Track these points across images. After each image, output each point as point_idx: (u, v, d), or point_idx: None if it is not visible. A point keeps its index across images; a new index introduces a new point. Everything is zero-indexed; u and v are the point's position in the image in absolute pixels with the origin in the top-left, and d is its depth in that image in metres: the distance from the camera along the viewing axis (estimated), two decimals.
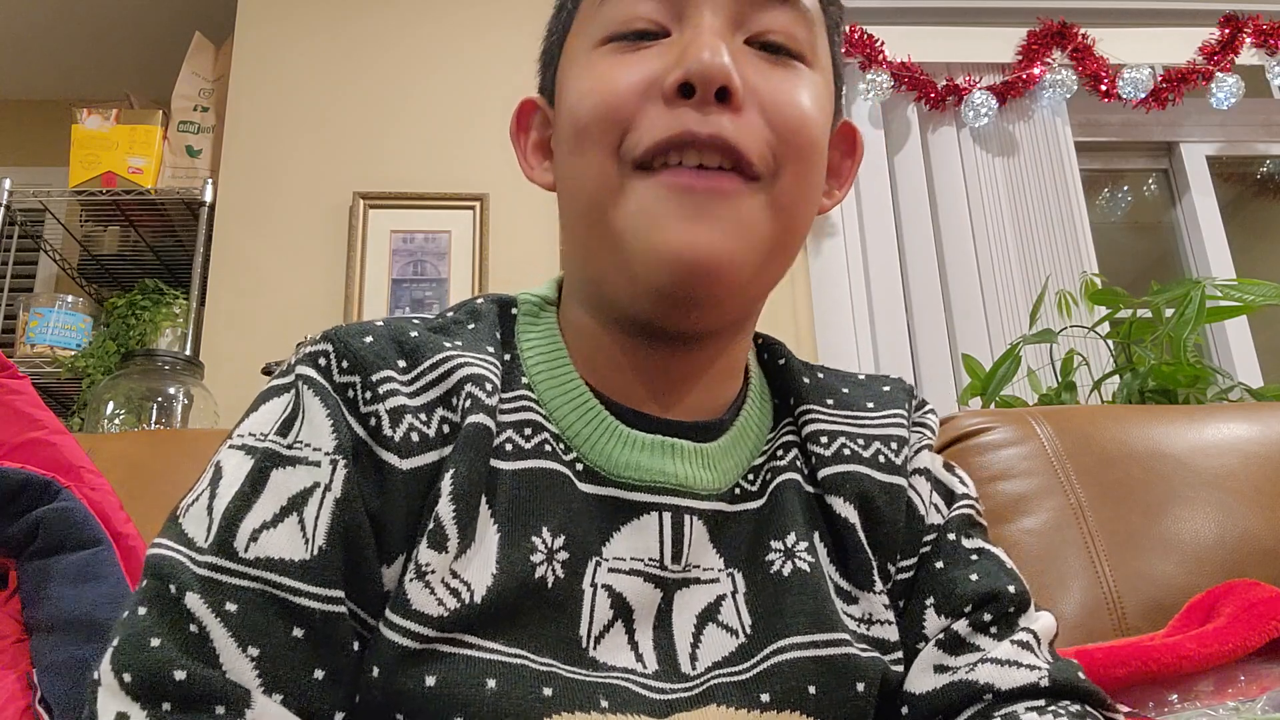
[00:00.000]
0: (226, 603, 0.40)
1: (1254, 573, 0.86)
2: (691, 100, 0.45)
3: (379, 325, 0.49)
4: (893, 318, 2.15)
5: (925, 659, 0.50)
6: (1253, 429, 1.04)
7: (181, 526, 0.43)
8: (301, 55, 2.26)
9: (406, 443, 0.45)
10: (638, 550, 0.48)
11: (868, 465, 0.53)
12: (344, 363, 0.46)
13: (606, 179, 0.47)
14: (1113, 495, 0.97)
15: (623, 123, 0.46)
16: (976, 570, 0.51)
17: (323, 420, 0.44)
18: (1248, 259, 2.47)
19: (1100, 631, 0.88)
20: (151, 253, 2.35)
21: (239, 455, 0.44)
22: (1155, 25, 2.36)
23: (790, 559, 0.50)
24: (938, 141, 2.30)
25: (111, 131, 2.15)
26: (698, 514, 0.49)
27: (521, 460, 0.48)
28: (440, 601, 0.43)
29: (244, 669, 0.39)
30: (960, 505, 0.55)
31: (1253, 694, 0.69)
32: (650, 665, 0.46)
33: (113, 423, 1.68)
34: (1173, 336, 1.41)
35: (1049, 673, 0.47)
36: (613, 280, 0.49)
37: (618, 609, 0.47)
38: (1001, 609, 0.50)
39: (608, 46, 0.49)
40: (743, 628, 0.48)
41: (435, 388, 0.47)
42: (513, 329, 0.54)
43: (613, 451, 0.49)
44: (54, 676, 0.60)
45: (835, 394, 0.56)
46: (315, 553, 0.41)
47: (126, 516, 0.73)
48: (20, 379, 0.75)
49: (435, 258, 2.13)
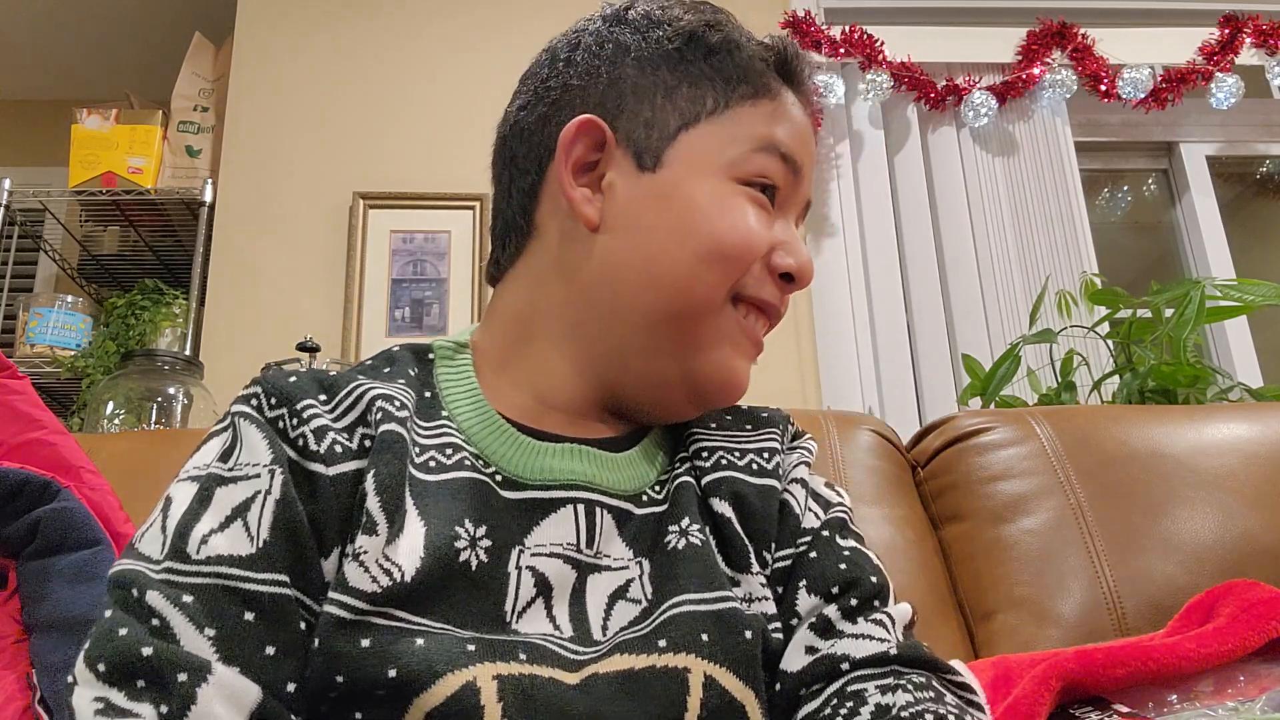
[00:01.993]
0: (183, 595, 0.44)
1: (1254, 573, 0.86)
2: (781, 281, 0.60)
3: (301, 370, 0.56)
4: (893, 318, 2.15)
5: (799, 640, 0.55)
6: (1253, 429, 1.04)
7: (138, 549, 0.47)
8: (301, 55, 2.27)
9: (330, 453, 0.51)
10: (557, 537, 0.54)
11: (741, 471, 0.61)
12: (272, 399, 0.53)
13: (713, 302, 0.58)
14: (1113, 495, 0.97)
15: (748, 268, 0.58)
16: (844, 561, 0.58)
17: (259, 442, 0.50)
18: (1247, 259, 2.47)
19: (1100, 631, 0.88)
20: (151, 253, 2.35)
21: (186, 485, 0.50)
22: (1155, 25, 2.36)
23: (684, 536, 0.56)
24: (938, 141, 2.30)
25: (111, 131, 2.16)
26: (607, 508, 0.56)
27: (444, 473, 0.53)
28: (374, 579, 0.47)
29: (202, 646, 0.44)
30: (835, 511, 0.63)
31: (1252, 694, 0.69)
32: (566, 631, 0.52)
33: (112, 423, 1.68)
34: (1172, 336, 1.41)
35: (896, 644, 0.54)
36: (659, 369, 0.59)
37: (540, 587, 0.52)
38: (864, 594, 0.56)
39: (747, 189, 0.59)
40: (645, 596, 0.54)
41: (352, 411, 0.54)
42: (430, 370, 0.61)
43: (527, 460, 0.56)
44: (54, 676, 0.61)
45: (719, 419, 0.65)
46: (260, 545, 0.47)
47: (126, 516, 0.73)
48: (20, 379, 0.75)
49: (435, 258, 2.13)
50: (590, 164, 0.59)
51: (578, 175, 0.59)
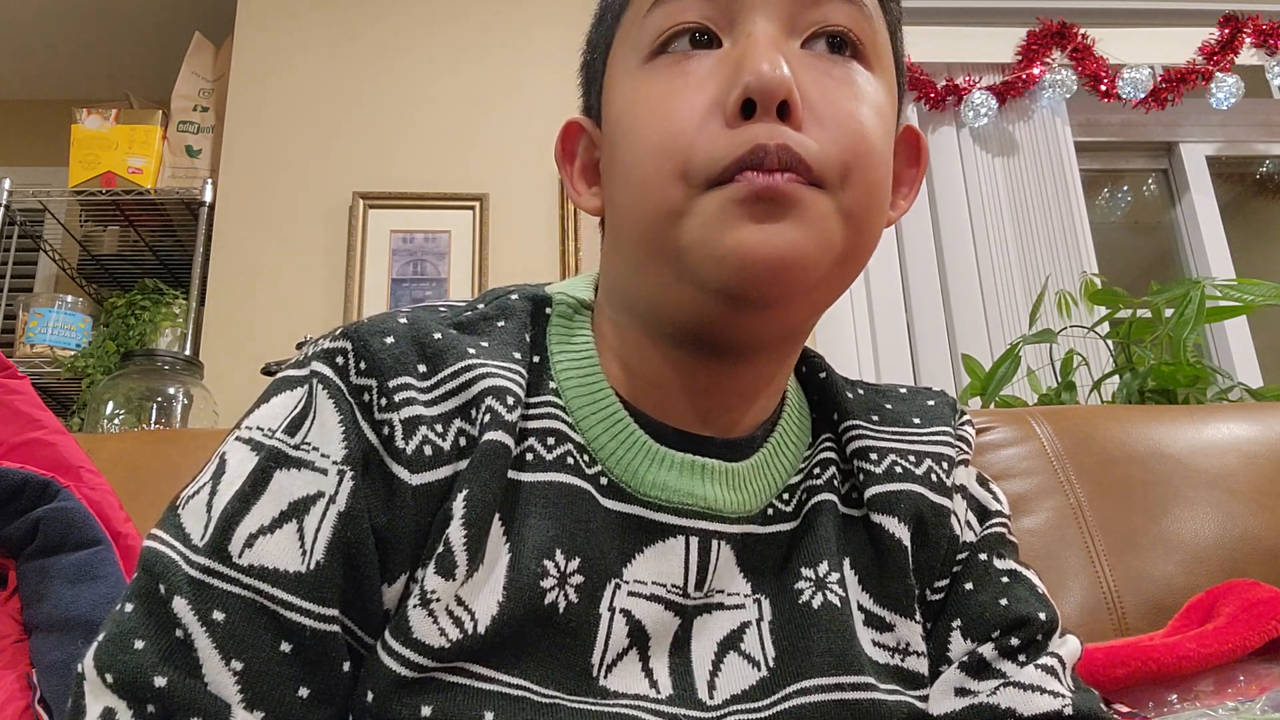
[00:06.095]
0: (214, 611, 0.38)
1: (1254, 573, 0.86)
2: (753, 118, 0.43)
3: (401, 322, 0.46)
4: (893, 318, 2.15)
5: (947, 681, 0.48)
6: (1253, 429, 1.04)
7: (180, 520, 0.42)
8: (301, 55, 2.26)
9: (419, 456, 0.43)
10: (660, 575, 0.46)
11: (921, 484, 0.51)
12: (361, 364, 0.44)
13: (671, 201, 0.44)
14: (1112, 495, 0.97)
15: (685, 149, 0.44)
16: (1007, 595, 0.50)
17: (334, 425, 0.42)
18: (1247, 259, 2.46)
19: (1100, 631, 0.88)
20: (151, 253, 2.35)
21: (244, 450, 0.43)
22: (1155, 25, 2.36)
23: (821, 590, 0.48)
24: (938, 141, 2.30)
25: (111, 131, 2.15)
26: (725, 538, 0.47)
27: (542, 472, 0.45)
28: (443, 631, 0.41)
29: (226, 682, 0.38)
30: (993, 523, 0.53)
31: (1252, 694, 0.69)
32: (664, 690, 0.44)
33: (112, 423, 1.68)
34: (1172, 336, 1.41)
35: (1072, 701, 0.47)
36: (674, 294, 0.46)
37: (634, 636, 0.45)
38: (1029, 635, 0.49)
39: (658, 61, 0.46)
40: (765, 660, 0.46)
41: (454, 397, 0.44)
42: (544, 330, 0.51)
43: (640, 468, 0.47)
44: (53, 676, 0.60)
45: (880, 409, 0.54)
46: (312, 566, 0.40)
47: (126, 516, 0.73)
48: (20, 379, 0.75)
49: (435, 258, 2.13)
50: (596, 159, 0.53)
51: (588, 176, 0.54)
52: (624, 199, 0.47)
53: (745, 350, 0.48)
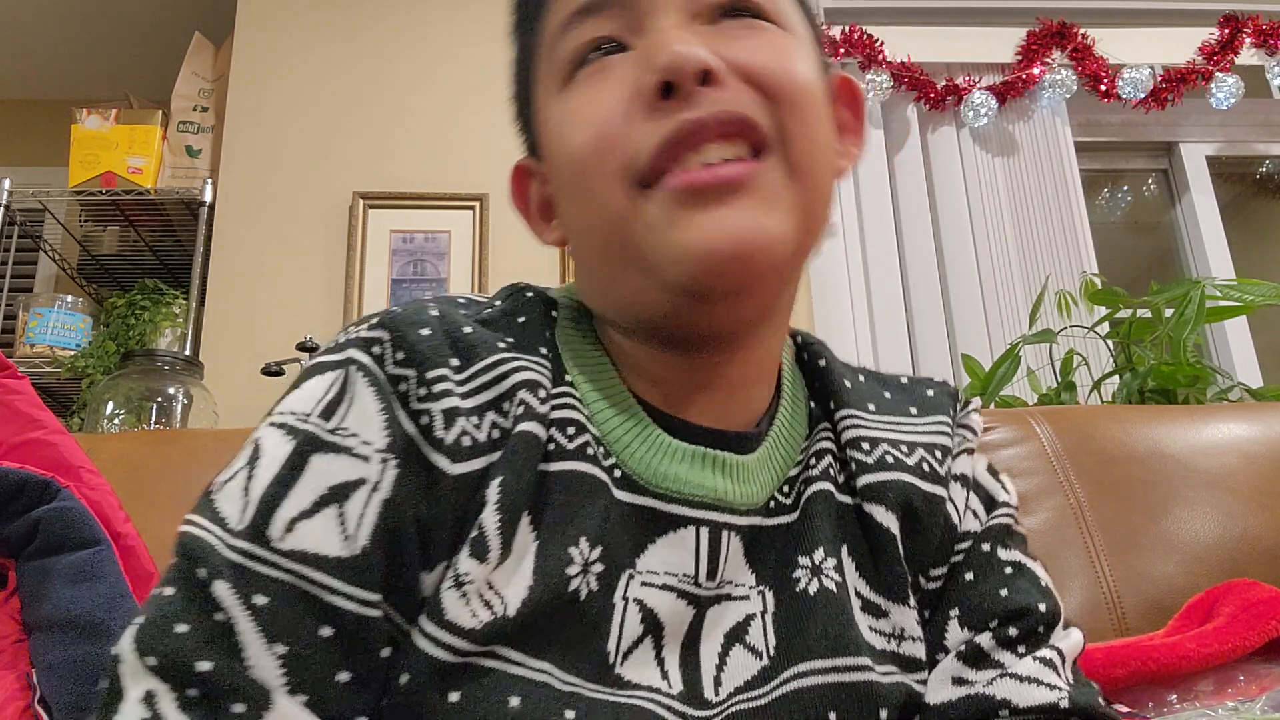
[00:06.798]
0: (255, 595, 0.38)
1: (1254, 573, 0.86)
2: (675, 96, 0.43)
3: (433, 315, 0.47)
4: (893, 318, 2.15)
5: (944, 670, 0.49)
6: (1253, 429, 1.04)
7: (215, 503, 0.41)
8: (301, 55, 2.26)
9: (457, 446, 0.43)
10: (672, 565, 0.47)
11: (911, 473, 0.51)
12: (399, 354, 0.44)
13: (617, 206, 0.44)
14: (1112, 495, 0.97)
15: (617, 147, 0.44)
16: (1008, 586, 0.50)
17: (375, 413, 0.42)
18: (1247, 259, 2.47)
19: (1100, 631, 0.88)
20: (151, 253, 2.35)
21: (278, 435, 0.42)
22: (1155, 25, 2.36)
23: (817, 577, 0.48)
24: (938, 141, 2.30)
25: (111, 131, 2.15)
26: (735, 529, 0.48)
27: (564, 461, 0.46)
28: (474, 614, 0.41)
29: (269, 666, 0.38)
30: (999, 513, 0.54)
31: (1252, 694, 0.69)
32: (675, 686, 0.45)
33: (112, 423, 1.68)
34: (1172, 336, 1.41)
35: (1069, 694, 0.47)
36: (646, 298, 0.46)
37: (648, 625, 0.45)
38: (1029, 626, 0.49)
39: (577, 76, 0.47)
40: (767, 650, 0.47)
41: (488, 390, 0.45)
42: (553, 329, 0.51)
43: (653, 460, 0.48)
44: (53, 676, 0.60)
45: (877, 398, 0.55)
46: (357, 552, 0.40)
47: (126, 516, 0.73)
48: (20, 379, 0.75)
49: (435, 258, 2.13)
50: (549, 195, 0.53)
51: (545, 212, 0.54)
52: (576, 216, 0.48)
53: (730, 338, 0.49)
